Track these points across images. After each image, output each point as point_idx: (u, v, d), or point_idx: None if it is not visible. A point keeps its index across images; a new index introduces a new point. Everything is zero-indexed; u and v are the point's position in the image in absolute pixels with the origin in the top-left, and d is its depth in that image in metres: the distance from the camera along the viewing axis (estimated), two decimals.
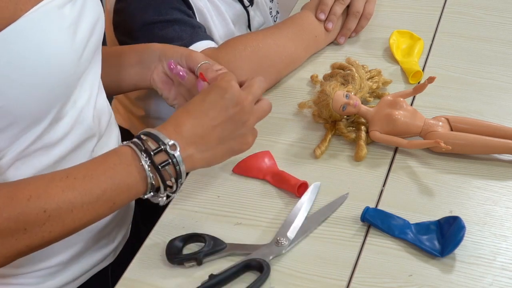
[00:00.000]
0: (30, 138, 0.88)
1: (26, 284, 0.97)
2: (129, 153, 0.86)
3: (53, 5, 0.84)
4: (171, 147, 0.86)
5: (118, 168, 0.84)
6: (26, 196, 0.80)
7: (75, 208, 0.82)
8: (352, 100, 1.06)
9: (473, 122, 1.07)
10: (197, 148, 0.89)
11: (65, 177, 0.82)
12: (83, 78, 0.93)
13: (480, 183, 1.01)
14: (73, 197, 0.82)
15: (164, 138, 0.86)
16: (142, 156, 0.85)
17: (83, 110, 0.94)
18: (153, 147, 0.86)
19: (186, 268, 0.92)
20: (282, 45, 1.21)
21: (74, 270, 1.01)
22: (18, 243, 0.81)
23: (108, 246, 1.06)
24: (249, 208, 1.00)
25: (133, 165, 0.85)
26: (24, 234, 0.80)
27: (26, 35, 0.82)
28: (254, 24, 1.40)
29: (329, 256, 0.92)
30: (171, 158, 0.86)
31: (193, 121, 0.89)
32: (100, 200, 0.84)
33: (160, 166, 0.86)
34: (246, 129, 0.93)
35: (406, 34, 1.31)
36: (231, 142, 0.92)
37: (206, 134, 0.90)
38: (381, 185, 1.02)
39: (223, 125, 0.91)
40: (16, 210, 0.79)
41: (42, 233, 0.82)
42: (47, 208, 0.81)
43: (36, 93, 0.84)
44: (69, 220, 0.82)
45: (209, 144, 0.90)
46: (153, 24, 1.20)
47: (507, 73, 1.22)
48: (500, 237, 0.93)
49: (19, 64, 0.81)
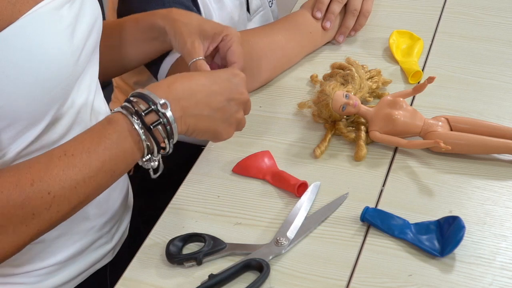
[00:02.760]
0: (28, 139, 0.88)
1: (25, 283, 0.97)
2: (121, 119, 0.85)
3: (51, 6, 0.84)
4: (162, 106, 0.86)
5: (113, 137, 0.84)
6: (29, 181, 0.80)
7: (78, 184, 0.83)
8: (351, 100, 1.06)
9: (473, 122, 1.07)
10: (187, 111, 0.89)
11: (63, 154, 0.83)
12: (80, 79, 0.93)
13: (480, 183, 1.01)
14: (74, 174, 0.82)
15: (155, 97, 0.86)
16: (133, 119, 0.85)
17: (81, 110, 0.94)
18: (144, 108, 0.85)
19: (186, 268, 0.92)
20: (275, 41, 1.21)
21: (73, 269, 1.02)
22: (29, 229, 0.82)
23: (106, 245, 1.06)
24: (249, 208, 1.00)
25: (126, 131, 0.85)
26: (33, 219, 0.81)
27: (24, 37, 0.82)
28: (253, 7, 1.40)
29: (329, 256, 0.92)
30: (161, 117, 0.86)
31: (191, 85, 0.90)
32: (101, 172, 0.84)
33: (151, 126, 0.85)
34: (234, 119, 0.95)
35: (406, 34, 1.31)
36: (218, 122, 0.94)
37: (201, 102, 0.90)
38: (381, 185, 1.02)
39: (219, 103, 0.92)
40: (21, 196, 0.80)
41: (50, 215, 0.82)
42: (51, 190, 0.81)
43: (34, 94, 0.84)
44: (74, 197, 0.83)
45: (200, 112, 0.91)
46: None
47: (507, 73, 1.22)
48: (500, 237, 0.93)
49: (17, 65, 0.81)
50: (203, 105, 0.91)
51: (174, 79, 0.91)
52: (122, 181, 1.07)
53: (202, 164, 1.09)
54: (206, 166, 1.08)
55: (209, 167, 1.07)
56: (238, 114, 0.96)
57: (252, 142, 1.10)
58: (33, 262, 0.97)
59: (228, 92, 0.94)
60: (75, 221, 0.98)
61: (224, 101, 0.93)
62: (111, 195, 1.04)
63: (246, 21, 1.38)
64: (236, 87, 0.95)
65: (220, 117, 0.94)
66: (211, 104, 0.92)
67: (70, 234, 0.99)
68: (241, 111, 0.97)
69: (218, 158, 1.09)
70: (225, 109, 0.94)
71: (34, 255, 0.96)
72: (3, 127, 0.85)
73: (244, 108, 0.97)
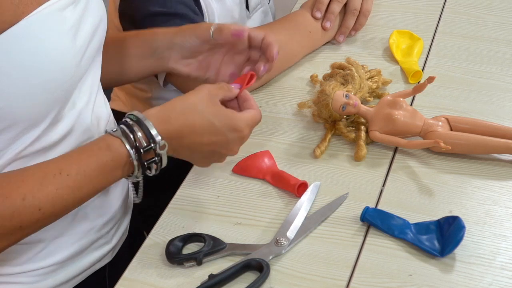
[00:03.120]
0: (28, 140, 0.88)
1: (23, 283, 0.97)
2: (120, 149, 0.87)
3: (54, 7, 0.84)
4: (161, 147, 0.88)
5: (109, 164, 0.86)
6: (21, 196, 0.81)
7: (67, 203, 0.85)
8: (351, 100, 1.06)
9: (473, 122, 1.07)
10: (176, 151, 0.92)
11: (58, 173, 0.84)
12: (82, 80, 0.93)
13: (480, 183, 1.01)
14: (66, 194, 0.84)
15: (156, 135, 0.87)
16: (132, 151, 0.87)
17: (82, 112, 0.94)
18: (144, 144, 0.87)
19: (186, 268, 0.92)
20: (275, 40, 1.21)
21: (72, 270, 1.01)
22: (14, 237, 0.84)
23: (106, 246, 1.06)
24: (249, 208, 1.00)
25: (123, 161, 0.87)
26: (19, 230, 0.83)
27: (27, 38, 0.81)
28: (252, 4, 1.40)
29: (329, 256, 0.92)
30: (157, 156, 0.88)
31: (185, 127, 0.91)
32: (90, 192, 0.87)
33: (146, 162, 0.88)
34: (215, 161, 0.98)
35: (406, 34, 1.31)
36: (197, 160, 0.97)
37: (189, 147, 0.92)
38: (381, 185, 1.02)
39: (206, 152, 0.94)
40: (10, 209, 0.81)
41: (36, 227, 0.85)
42: (42, 207, 0.82)
43: (35, 96, 0.84)
44: (61, 214, 0.86)
45: (186, 153, 0.94)
46: (156, 16, 1.20)
47: (507, 73, 1.22)
48: (500, 237, 0.93)
49: (19, 66, 0.81)
50: (190, 150, 0.93)
51: (171, 116, 0.91)
52: (123, 183, 1.07)
53: None
54: None
55: (209, 167, 1.07)
56: (221, 159, 0.98)
57: (252, 142, 1.10)
58: (32, 262, 0.97)
59: (218, 146, 0.94)
60: (74, 221, 0.98)
61: (210, 152, 0.94)
62: (111, 196, 1.04)
63: (246, 18, 1.38)
64: (228, 144, 0.94)
65: (201, 157, 0.96)
66: (198, 148, 0.93)
67: (69, 234, 0.99)
68: (224, 158, 0.98)
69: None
70: (207, 156, 0.96)
71: (33, 255, 0.96)
72: (3, 128, 0.85)
73: (230, 155, 0.97)
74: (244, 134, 0.94)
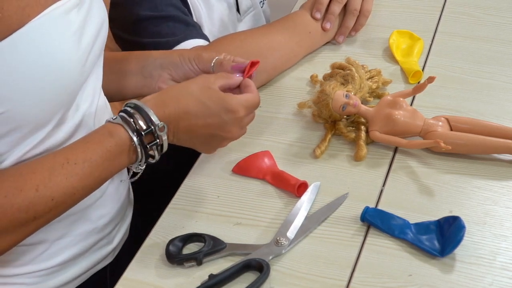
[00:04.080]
0: (32, 143, 0.88)
1: (25, 283, 0.97)
2: (122, 133, 0.88)
3: (60, 11, 0.84)
4: (160, 129, 0.89)
5: (114, 150, 0.88)
6: (34, 187, 0.83)
7: (77, 191, 0.87)
8: (352, 100, 1.06)
9: (473, 122, 1.07)
10: (176, 135, 0.93)
11: (66, 162, 0.85)
12: (86, 83, 0.93)
13: (480, 183, 1.01)
14: (75, 182, 0.86)
15: (155, 118, 0.89)
16: (134, 135, 0.88)
17: (85, 113, 0.95)
18: (144, 127, 0.88)
19: (186, 268, 0.92)
20: (273, 39, 1.21)
21: (74, 270, 1.02)
22: (28, 229, 0.85)
23: (107, 246, 1.06)
24: (249, 208, 1.00)
25: (126, 146, 0.89)
26: (33, 221, 0.84)
27: (32, 41, 0.82)
28: (243, 8, 1.39)
29: (329, 256, 0.92)
30: (157, 139, 0.90)
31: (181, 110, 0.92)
32: (98, 180, 0.89)
33: (148, 145, 0.89)
34: (216, 146, 0.99)
35: (406, 34, 1.31)
36: (198, 146, 0.98)
37: (187, 130, 0.93)
38: (381, 185, 1.02)
39: (203, 135, 0.95)
40: (26, 201, 0.83)
41: (49, 217, 0.87)
42: (54, 196, 0.84)
43: (41, 99, 0.84)
44: (72, 202, 0.87)
45: (185, 137, 0.94)
46: (147, 20, 1.20)
47: (507, 73, 1.22)
48: (500, 237, 0.93)
49: (24, 70, 0.82)
50: (188, 133, 0.94)
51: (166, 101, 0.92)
52: (123, 183, 1.07)
53: (202, 164, 1.09)
54: (206, 166, 1.08)
55: (209, 167, 1.07)
56: (222, 144, 0.98)
57: (252, 142, 1.10)
58: (35, 263, 0.97)
59: (214, 128, 0.94)
60: (76, 222, 0.99)
61: (208, 135, 0.95)
62: (113, 197, 1.04)
63: (237, 22, 1.38)
64: (225, 126, 0.95)
65: (202, 142, 0.97)
66: (196, 132, 0.94)
67: (71, 235, 0.99)
68: (226, 142, 0.98)
69: (218, 158, 1.09)
70: (207, 140, 0.97)
71: (36, 256, 0.96)
72: (9, 131, 0.85)
73: (230, 139, 0.98)
74: (239, 115, 0.95)
